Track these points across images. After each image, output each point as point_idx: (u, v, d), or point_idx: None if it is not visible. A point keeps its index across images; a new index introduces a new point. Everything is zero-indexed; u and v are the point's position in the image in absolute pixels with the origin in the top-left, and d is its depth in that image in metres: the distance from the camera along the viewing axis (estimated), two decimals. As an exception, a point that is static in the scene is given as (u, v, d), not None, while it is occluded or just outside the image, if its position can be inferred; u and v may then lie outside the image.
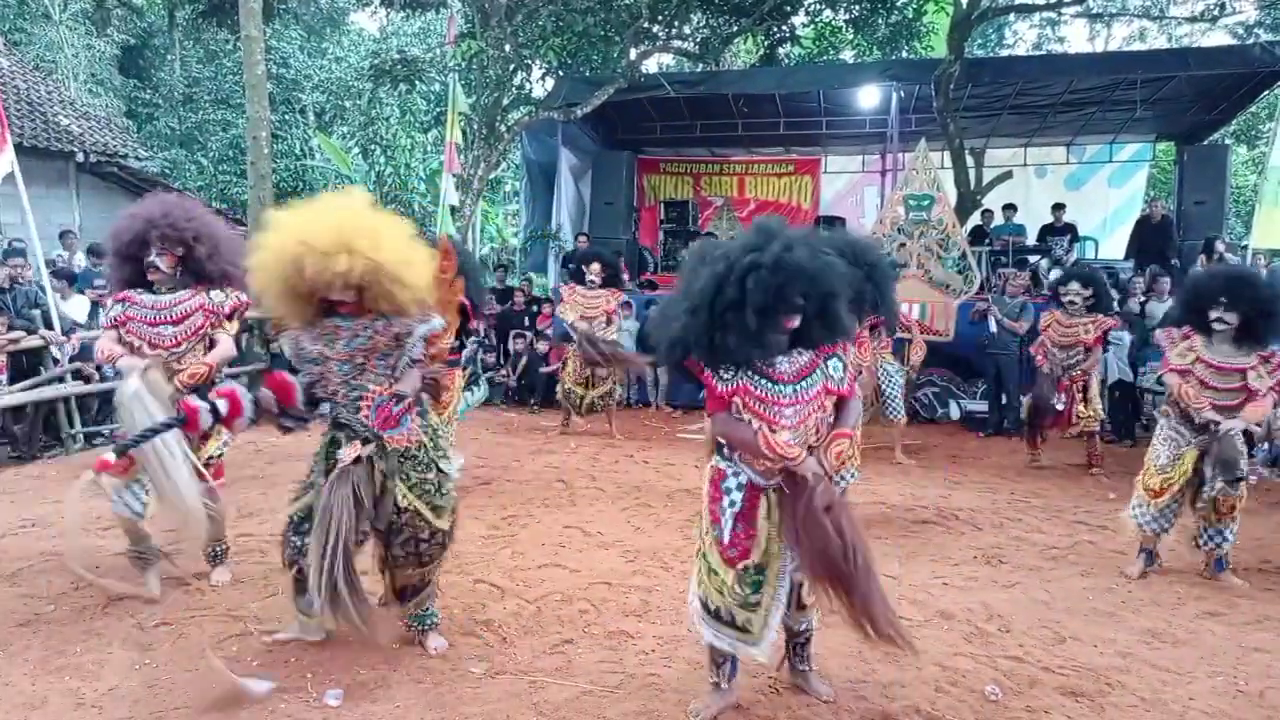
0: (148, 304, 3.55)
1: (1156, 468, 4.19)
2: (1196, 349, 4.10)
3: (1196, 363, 4.09)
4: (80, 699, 2.70)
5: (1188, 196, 10.75)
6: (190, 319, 3.56)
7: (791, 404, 2.51)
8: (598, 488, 5.67)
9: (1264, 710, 2.84)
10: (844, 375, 2.60)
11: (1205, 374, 4.08)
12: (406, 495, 2.91)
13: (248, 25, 8.57)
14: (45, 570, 3.84)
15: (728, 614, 2.56)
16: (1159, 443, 4.24)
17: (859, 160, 13.62)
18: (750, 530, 2.56)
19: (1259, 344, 4.01)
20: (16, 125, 10.52)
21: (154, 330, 3.53)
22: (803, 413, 2.52)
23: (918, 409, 8.96)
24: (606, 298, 7.26)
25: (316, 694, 2.74)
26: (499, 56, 9.97)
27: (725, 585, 2.55)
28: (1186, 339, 4.16)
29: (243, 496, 5.19)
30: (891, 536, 4.78)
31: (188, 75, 20.71)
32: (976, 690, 2.90)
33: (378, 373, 2.90)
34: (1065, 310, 6.29)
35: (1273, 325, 3.98)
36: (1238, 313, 3.94)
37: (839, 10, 11.61)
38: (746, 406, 2.51)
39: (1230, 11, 12.77)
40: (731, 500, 2.58)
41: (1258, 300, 3.94)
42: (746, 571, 2.54)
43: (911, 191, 8.15)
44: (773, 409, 2.50)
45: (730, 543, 2.56)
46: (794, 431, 2.51)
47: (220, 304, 3.63)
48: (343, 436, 2.89)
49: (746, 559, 2.54)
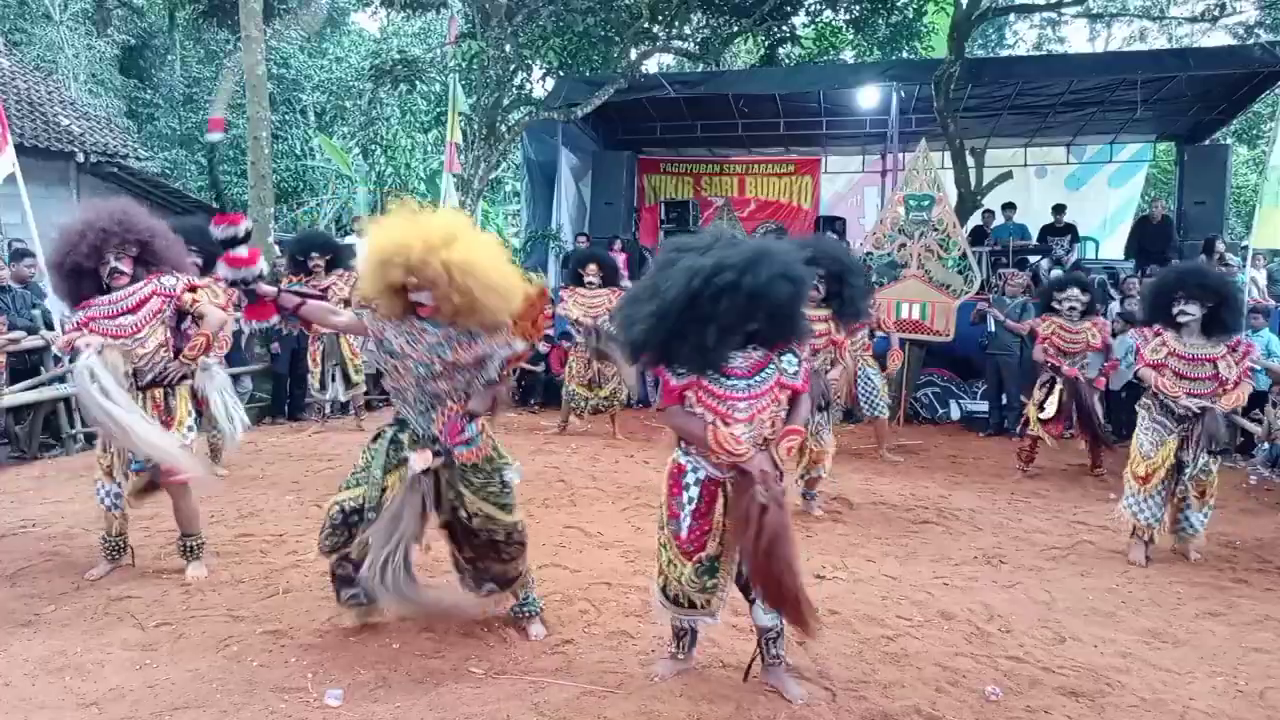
0: (105, 302, 3.65)
1: (1141, 455, 4.42)
2: (1169, 343, 4.35)
3: (1169, 356, 4.34)
4: (80, 699, 2.70)
5: (1188, 196, 10.77)
6: (147, 304, 3.66)
7: (745, 398, 2.59)
8: (598, 488, 5.67)
9: (1264, 710, 2.84)
10: (798, 370, 2.67)
11: (1179, 365, 4.32)
12: (474, 501, 3.00)
13: (248, 25, 8.58)
14: (45, 570, 3.84)
15: (686, 599, 2.74)
16: (1141, 433, 4.48)
17: (859, 160, 13.63)
18: (705, 525, 2.67)
19: (1226, 333, 4.29)
20: (17, 125, 10.52)
21: (114, 322, 3.61)
22: (756, 406, 2.60)
23: (918, 409, 8.97)
24: (607, 297, 7.22)
25: (316, 694, 2.74)
26: (499, 57, 9.97)
27: (684, 575, 2.70)
28: (1158, 335, 4.41)
29: (243, 496, 5.19)
30: (891, 536, 4.77)
31: (188, 75, 20.71)
32: (977, 690, 2.90)
33: (454, 385, 2.95)
34: (1064, 316, 6.28)
35: (1233, 312, 4.30)
36: (1198, 304, 4.23)
37: (839, 10, 11.62)
38: (700, 400, 2.60)
39: (1230, 11, 12.77)
40: (690, 497, 2.69)
41: (1214, 290, 4.24)
42: (702, 564, 2.68)
43: (912, 191, 8.15)
44: (726, 403, 2.58)
45: (687, 538, 2.69)
46: (748, 425, 2.58)
47: (172, 287, 3.71)
48: (406, 438, 2.99)
49: (703, 552, 2.67)
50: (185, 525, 3.83)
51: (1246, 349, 4.30)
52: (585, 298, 7.30)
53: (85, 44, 19.00)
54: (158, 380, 3.69)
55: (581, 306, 7.28)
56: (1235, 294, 4.42)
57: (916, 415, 8.91)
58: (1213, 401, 4.25)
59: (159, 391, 3.72)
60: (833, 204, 13.56)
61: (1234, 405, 4.30)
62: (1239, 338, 4.32)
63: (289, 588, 3.67)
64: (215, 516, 4.70)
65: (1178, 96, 10.70)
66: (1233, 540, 4.79)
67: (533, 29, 10.51)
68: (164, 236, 3.76)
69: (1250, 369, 4.34)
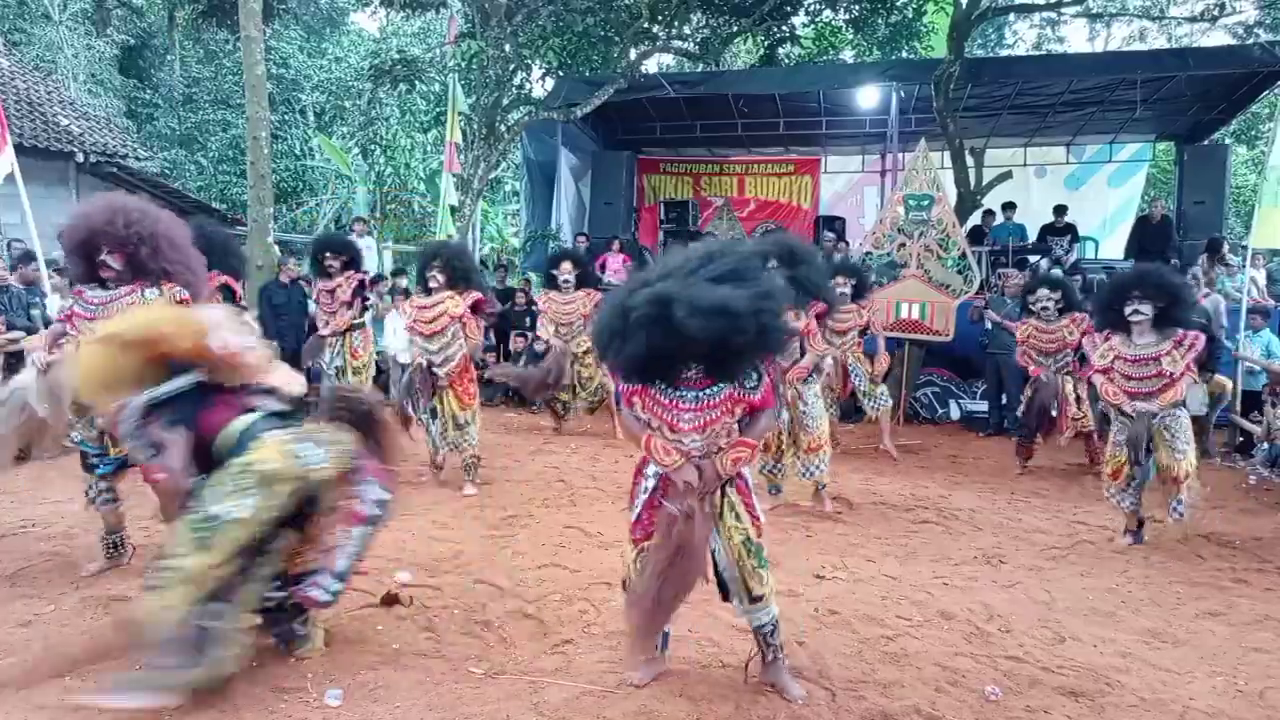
0: (91, 300, 3.62)
1: (1110, 455, 4.68)
2: (1115, 348, 4.54)
3: (1116, 360, 4.52)
4: (80, 699, 2.69)
5: (1188, 196, 10.76)
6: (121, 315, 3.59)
7: (692, 409, 2.62)
8: (598, 488, 5.67)
9: (1264, 710, 2.84)
10: (758, 385, 2.64)
11: (1125, 368, 4.51)
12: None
13: (247, 25, 8.57)
14: (45, 570, 3.83)
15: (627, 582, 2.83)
16: (1112, 431, 4.72)
17: (859, 160, 13.62)
18: (654, 515, 2.73)
19: (1176, 329, 4.43)
20: (16, 125, 10.53)
21: (91, 324, 3.58)
22: (704, 418, 2.62)
23: (918, 409, 8.97)
24: (582, 300, 7.07)
25: (317, 694, 2.74)
26: (499, 56, 9.98)
27: (630, 560, 2.81)
28: (1106, 340, 4.59)
29: (243, 496, 5.18)
30: (891, 536, 4.78)
31: (187, 75, 20.72)
32: (976, 690, 2.90)
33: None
34: (1039, 317, 6.29)
35: (1184, 309, 4.45)
36: (1151, 303, 4.38)
37: (839, 10, 11.61)
38: (645, 407, 2.68)
39: (1230, 11, 12.76)
40: (646, 487, 2.77)
41: (1165, 288, 4.40)
42: (645, 551, 2.74)
43: (911, 191, 8.15)
44: (672, 412, 2.63)
45: (635, 524, 2.80)
46: (699, 434, 2.63)
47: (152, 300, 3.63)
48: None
49: (648, 541, 2.74)
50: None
51: (1193, 340, 4.40)
52: (559, 304, 7.12)
53: (85, 44, 19.01)
54: None
55: (556, 316, 7.10)
56: (1187, 293, 4.59)
57: (916, 415, 8.91)
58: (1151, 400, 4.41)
59: None
60: (832, 204, 13.55)
61: (1170, 402, 4.42)
62: (1185, 332, 4.43)
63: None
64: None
65: (1177, 96, 10.70)
66: (1232, 540, 4.79)
67: (532, 29, 10.51)
68: (154, 244, 3.60)
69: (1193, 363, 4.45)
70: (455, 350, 5.38)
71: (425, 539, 4.40)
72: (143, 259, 3.59)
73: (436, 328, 5.34)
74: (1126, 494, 4.63)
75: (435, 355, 5.36)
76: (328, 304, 7.44)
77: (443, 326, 5.34)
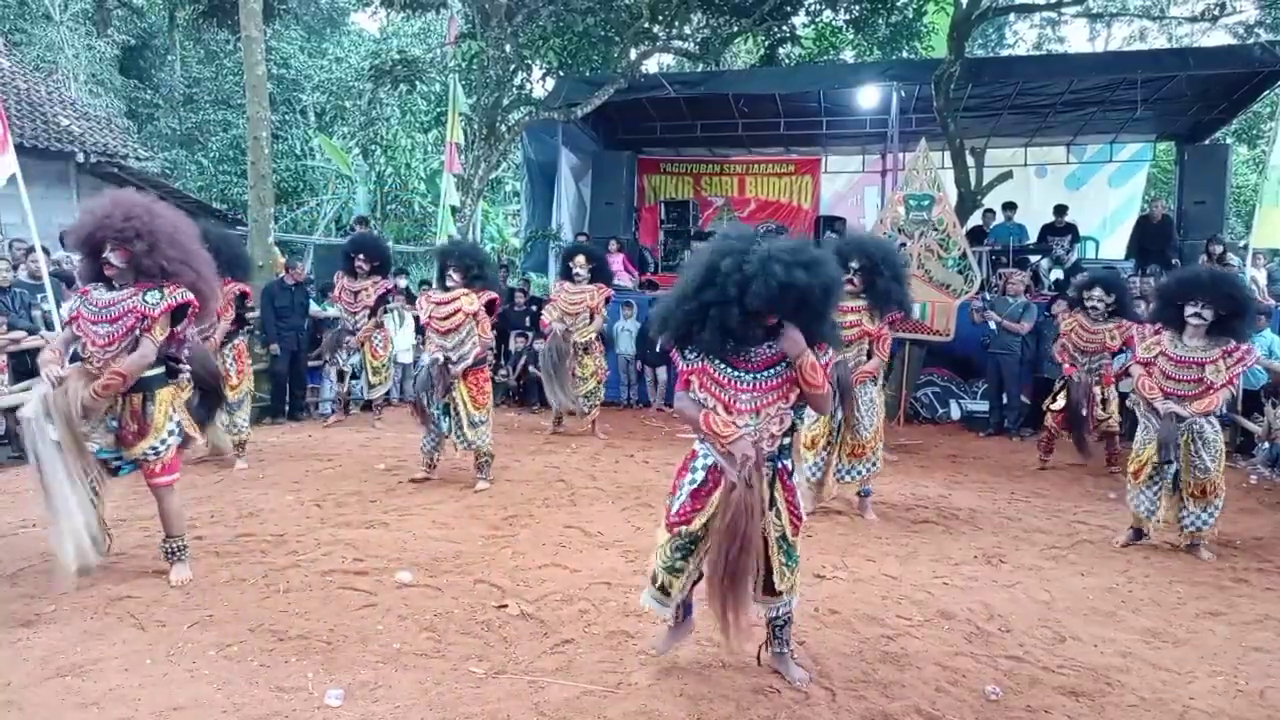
0: (96, 301, 3.59)
1: (1134, 454, 4.58)
2: (1163, 344, 4.45)
3: (1160, 356, 4.44)
4: (80, 699, 2.70)
5: (1188, 196, 10.75)
6: (121, 320, 3.54)
7: (750, 390, 2.67)
8: (598, 488, 5.67)
9: (1264, 710, 2.84)
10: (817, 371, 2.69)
11: (1166, 366, 4.44)
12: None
13: (248, 26, 8.56)
14: (45, 570, 3.83)
15: (655, 576, 2.86)
16: (1139, 430, 4.63)
17: (859, 160, 13.62)
18: (698, 504, 2.74)
19: (1230, 340, 4.32)
20: (17, 125, 10.53)
21: (94, 328, 3.55)
22: (760, 400, 2.67)
23: (918, 409, 8.97)
24: (592, 293, 7.15)
25: (317, 694, 2.74)
26: (499, 57, 9.97)
27: (662, 550, 2.82)
28: (1156, 334, 4.51)
29: (243, 496, 5.19)
30: (891, 536, 4.77)
31: (188, 75, 20.72)
32: (977, 690, 2.90)
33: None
34: (1088, 314, 6.28)
35: (1245, 322, 4.34)
36: (1214, 309, 4.27)
37: (839, 10, 11.60)
38: (703, 386, 2.71)
39: (1230, 11, 12.76)
40: (694, 478, 2.77)
41: (1233, 299, 4.28)
42: (679, 536, 2.77)
43: (912, 191, 8.15)
44: (729, 392, 2.67)
45: (677, 510, 2.78)
46: (753, 416, 2.66)
47: (153, 306, 3.55)
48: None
49: (685, 525, 2.75)
50: (169, 527, 3.80)
51: (1243, 354, 4.31)
52: (569, 294, 7.18)
53: (85, 44, 19.02)
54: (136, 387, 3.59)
55: (562, 304, 7.18)
56: (1252, 307, 4.43)
57: (916, 415, 8.91)
58: (1184, 405, 4.33)
59: (137, 398, 3.61)
60: (833, 204, 13.55)
61: (1204, 410, 4.33)
62: (1237, 344, 4.32)
63: (289, 588, 3.67)
64: (215, 516, 4.71)
65: (1178, 96, 10.69)
66: (1233, 540, 4.79)
67: (533, 29, 10.50)
68: (151, 239, 3.50)
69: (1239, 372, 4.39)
70: (470, 348, 5.48)
71: (425, 539, 4.40)
72: (139, 255, 3.50)
73: (452, 324, 5.45)
74: (1145, 494, 4.52)
75: (451, 351, 5.46)
76: (350, 303, 7.51)
77: (458, 324, 5.44)
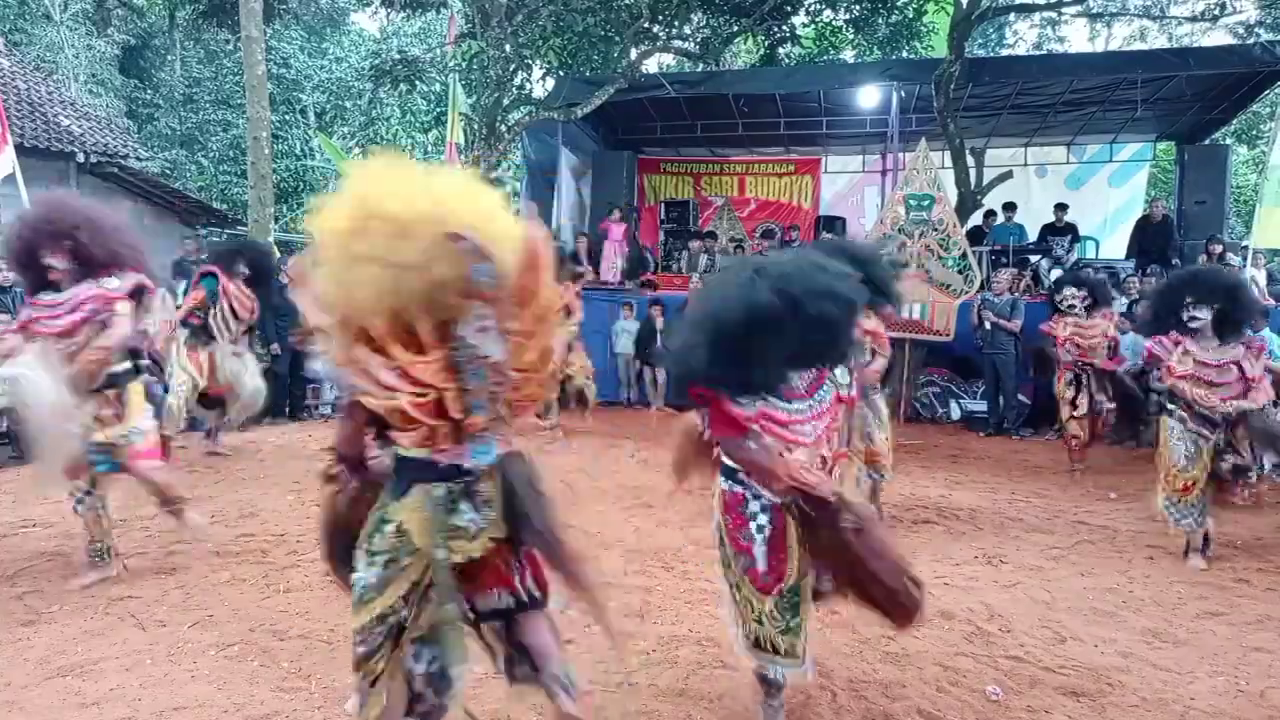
0: (48, 301, 3.61)
1: (1179, 470, 4.29)
2: (1192, 351, 4.24)
3: (1197, 365, 4.21)
4: (80, 699, 2.69)
5: (1188, 196, 10.76)
6: (84, 305, 3.59)
7: (810, 419, 2.42)
8: (598, 488, 5.67)
9: (1265, 710, 2.83)
10: (850, 381, 2.54)
11: (1205, 372, 4.21)
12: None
13: (248, 25, 8.58)
14: (45, 570, 3.84)
15: (769, 643, 2.45)
16: (1175, 443, 4.32)
17: (859, 160, 13.63)
18: (782, 553, 2.44)
19: (1238, 333, 4.21)
20: (17, 125, 10.51)
21: (55, 321, 3.57)
22: (819, 428, 2.44)
23: (918, 409, 8.97)
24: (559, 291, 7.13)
25: (318, 694, 2.74)
26: (499, 57, 9.97)
27: (764, 614, 2.44)
28: (1178, 344, 4.29)
29: (243, 496, 5.19)
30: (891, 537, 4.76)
31: (188, 75, 20.74)
32: (977, 690, 2.89)
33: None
34: (1073, 314, 6.30)
35: (1244, 311, 4.19)
36: (1207, 306, 4.14)
37: (839, 10, 11.62)
38: (767, 430, 2.38)
39: (1230, 11, 12.77)
40: (759, 525, 2.45)
41: (1221, 289, 4.16)
42: (783, 597, 2.44)
43: (912, 191, 8.15)
44: (792, 429, 2.40)
45: (765, 570, 2.44)
46: (810, 449, 2.41)
47: (115, 289, 3.62)
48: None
49: (783, 583, 2.43)
50: (163, 497, 3.83)
51: (1260, 347, 4.24)
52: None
53: (85, 44, 19.03)
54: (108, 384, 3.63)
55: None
56: (1244, 291, 4.32)
57: (916, 415, 8.91)
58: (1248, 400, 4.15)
59: (111, 392, 3.67)
60: (833, 204, 13.55)
61: (1264, 401, 4.19)
62: (1252, 336, 4.25)
63: (289, 588, 3.67)
64: (215, 516, 4.70)
65: (1178, 96, 10.69)
66: (1233, 540, 4.78)
67: (533, 29, 10.50)
68: (93, 227, 3.56)
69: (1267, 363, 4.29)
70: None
71: (425, 539, 4.39)
72: (85, 245, 3.54)
73: None
74: (1195, 510, 4.29)
75: None
76: None
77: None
